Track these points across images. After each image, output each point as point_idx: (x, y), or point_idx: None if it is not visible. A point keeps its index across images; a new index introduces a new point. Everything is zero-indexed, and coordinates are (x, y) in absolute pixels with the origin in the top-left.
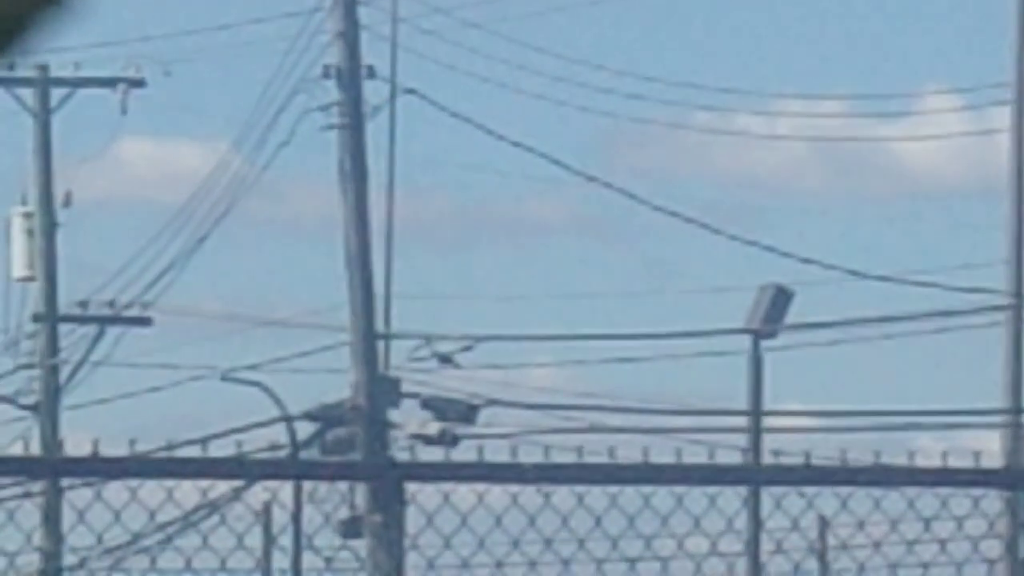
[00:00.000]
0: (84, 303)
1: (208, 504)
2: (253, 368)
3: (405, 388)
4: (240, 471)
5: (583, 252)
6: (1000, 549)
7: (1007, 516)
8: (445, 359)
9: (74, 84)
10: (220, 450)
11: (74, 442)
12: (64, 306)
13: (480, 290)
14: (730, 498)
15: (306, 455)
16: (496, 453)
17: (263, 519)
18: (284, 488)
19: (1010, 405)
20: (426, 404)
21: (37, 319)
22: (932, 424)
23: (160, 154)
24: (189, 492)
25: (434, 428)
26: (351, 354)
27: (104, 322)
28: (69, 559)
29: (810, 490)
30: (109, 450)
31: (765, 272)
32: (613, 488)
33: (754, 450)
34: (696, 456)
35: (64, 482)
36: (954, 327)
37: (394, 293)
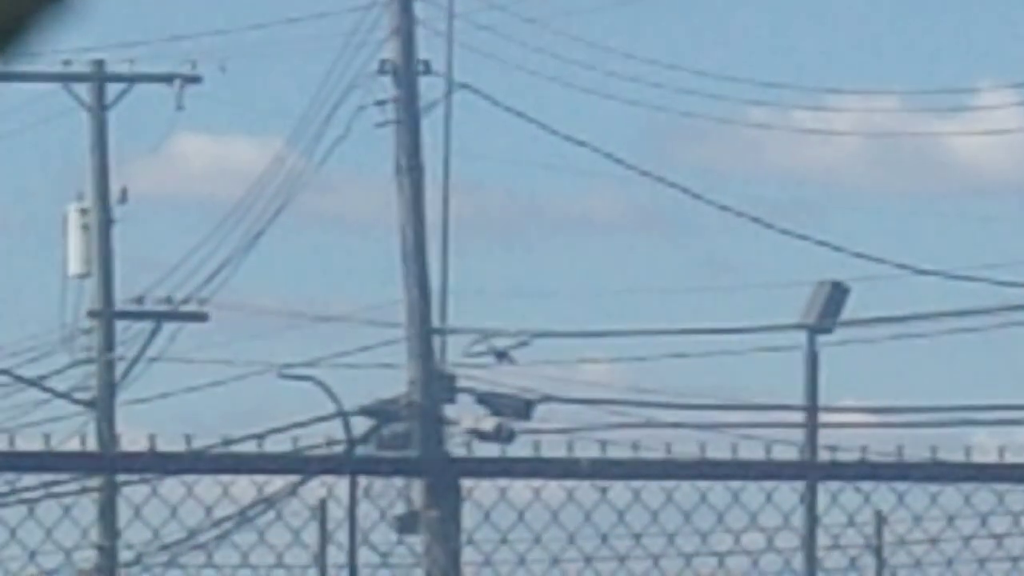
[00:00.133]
0: (140, 299)
1: (264, 500)
2: (309, 364)
3: (461, 384)
4: (296, 467)
5: (639, 248)
6: None
7: None
8: (501, 355)
9: (130, 80)
10: (276, 446)
11: (130, 438)
12: (120, 302)
13: (536, 286)
14: (786, 494)
15: (362, 451)
16: (552, 449)
17: (319, 515)
18: (340, 484)
19: None
20: (482, 400)
21: (93, 315)
22: (988, 419)
23: (216, 150)
24: (245, 488)
25: (490, 424)
26: (407, 350)
27: (160, 318)
28: (125, 555)
29: (866, 485)
30: (165, 446)
31: (821, 268)
32: (669, 483)
33: (810, 446)
34: (752, 452)
35: (120, 478)
36: (1010, 322)
37: (450, 289)
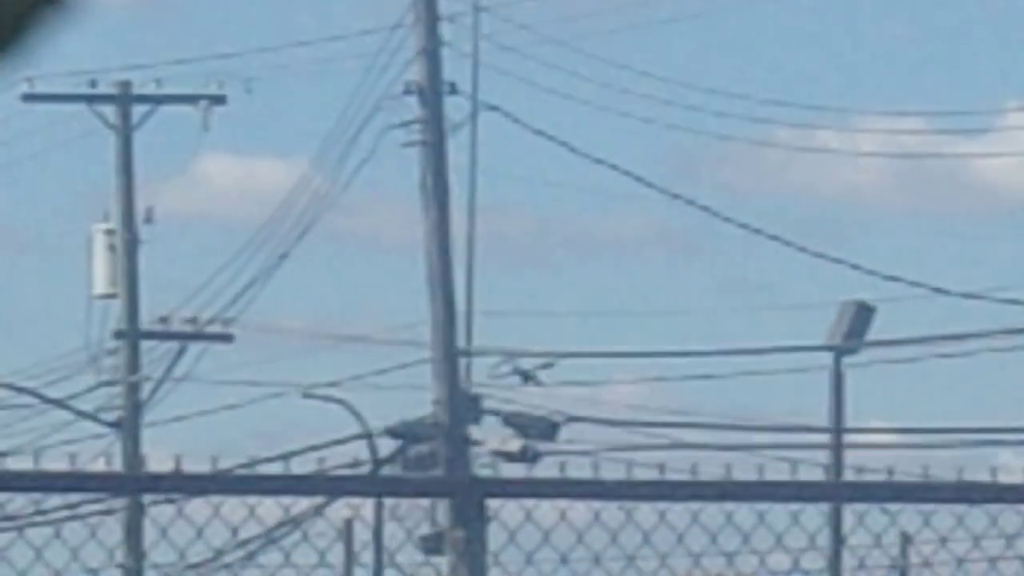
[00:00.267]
0: (166, 319)
1: (290, 520)
2: (334, 385)
3: (486, 405)
4: (322, 488)
5: (665, 268)
6: None
7: None
8: (526, 376)
9: (156, 101)
10: (302, 466)
11: (156, 459)
12: (146, 323)
13: (561, 307)
14: (812, 515)
15: (388, 472)
16: (578, 470)
17: (345, 536)
18: (366, 505)
19: None
20: (507, 421)
21: (119, 336)
22: (1014, 440)
23: (241, 171)
24: (271, 508)
25: (515, 445)
26: (432, 371)
27: (186, 339)
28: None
29: (892, 507)
30: (191, 467)
31: (847, 288)
32: (695, 505)
33: (836, 467)
34: (778, 473)
35: (146, 499)
36: None
37: (475, 310)
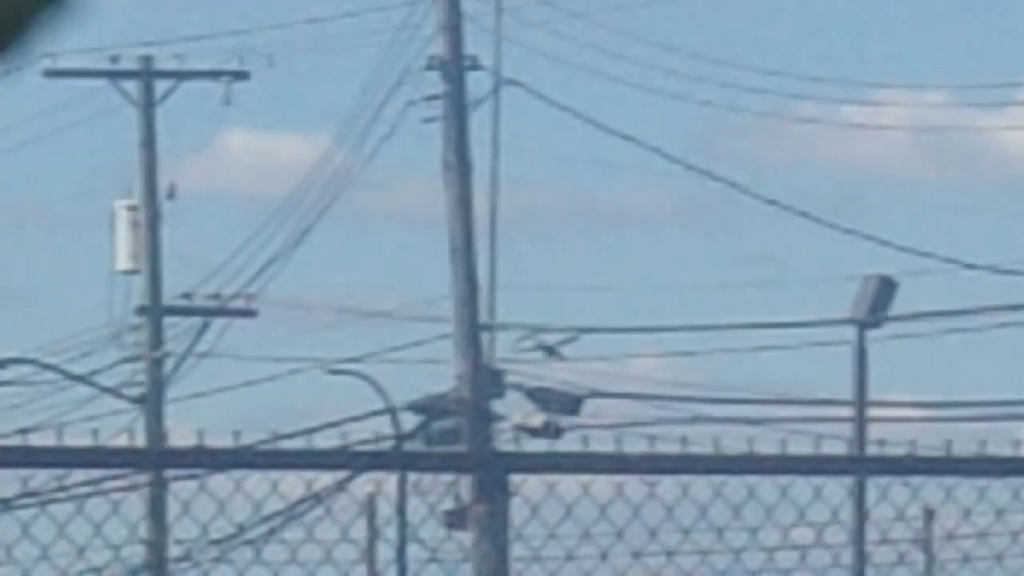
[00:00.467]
0: (188, 295)
1: (313, 496)
2: (357, 360)
3: (509, 379)
4: (345, 463)
5: (688, 243)
6: None
7: None
8: (549, 350)
9: (178, 76)
10: (325, 442)
11: (179, 434)
12: (168, 298)
13: (584, 281)
14: (835, 489)
15: (411, 447)
16: (600, 444)
17: (368, 511)
18: (389, 480)
19: None
20: (530, 395)
21: (142, 311)
22: None
23: (264, 146)
24: (294, 484)
25: (538, 419)
26: (455, 345)
27: (208, 314)
28: (174, 551)
29: (915, 480)
30: (214, 442)
31: (869, 262)
32: (718, 479)
33: (859, 440)
34: (801, 446)
35: (169, 474)
36: None
37: (498, 284)
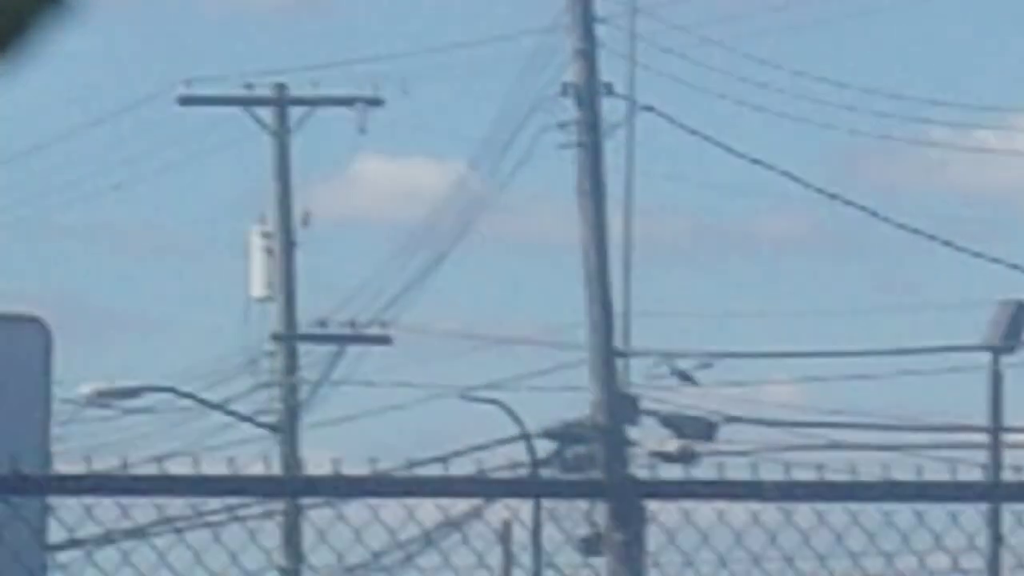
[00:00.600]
0: (323, 322)
1: (449, 522)
2: (492, 386)
3: (644, 405)
4: (481, 490)
5: (821, 268)
6: None
7: None
8: (684, 376)
9: (313, 103)
10: (460, 469)
11: (313, 461)
12: (303, 325)
13: (718, 307)
14: (971, 515)
15: (546, 473)
16: (736, 470)
17: (503, 537)
18: (524, 506)
19: None
20: (665, 421)
21: (276, 338)
22: None
23: (398, 172)
24: (430, 510)
25: (673, 445)
26: (590, 372)
27: (343, 341)
28: None
29: None
30: (350, 469)
31: (1004, 287)
32: (854, 505)
33: (994, 466)
34: (936, 473)
35: (305, 501)
36: None
37: (632, 311)
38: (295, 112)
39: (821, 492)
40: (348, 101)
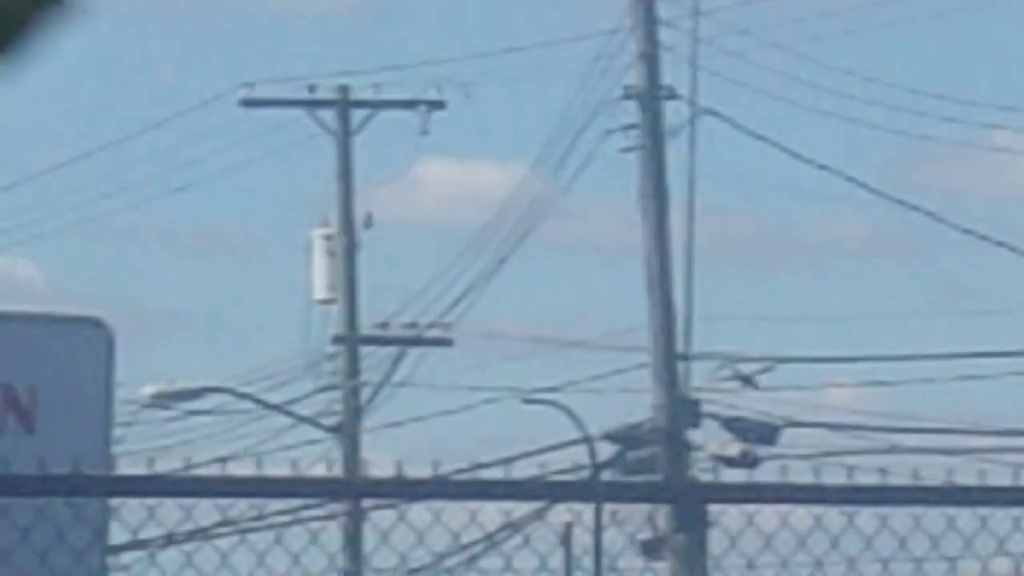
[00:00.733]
0: (385, 324)
1: (511, 525)
2: (554, 389)
3: (705, 409)
4: (543, 493)
5: (884, 272)
6: None
7: None
8: (746, 380)
9: (375, 106)
10: (522, 471)
11: (374, 463)
12: (365, 327)
13: (780, 311)
14: None
15: (607, 476)
16: (799, 474)
17: (565, 540)
18: (586, 509)
19: None
20: (727, 425)
21: (338, 340)
22: None
23: (460, 175)
24: (492, 513)
25: (735, 449)
26: (652, 375)
27: (405, 343)
28: None
29: None
30: (413, 472)
31: None
32: (917, 510)
33: None
34: (1000, 477)
35: (367, 503)
36: None
37: (694, 314)
38: (357, 115)
39: (884, 496)
40: (410, 104)
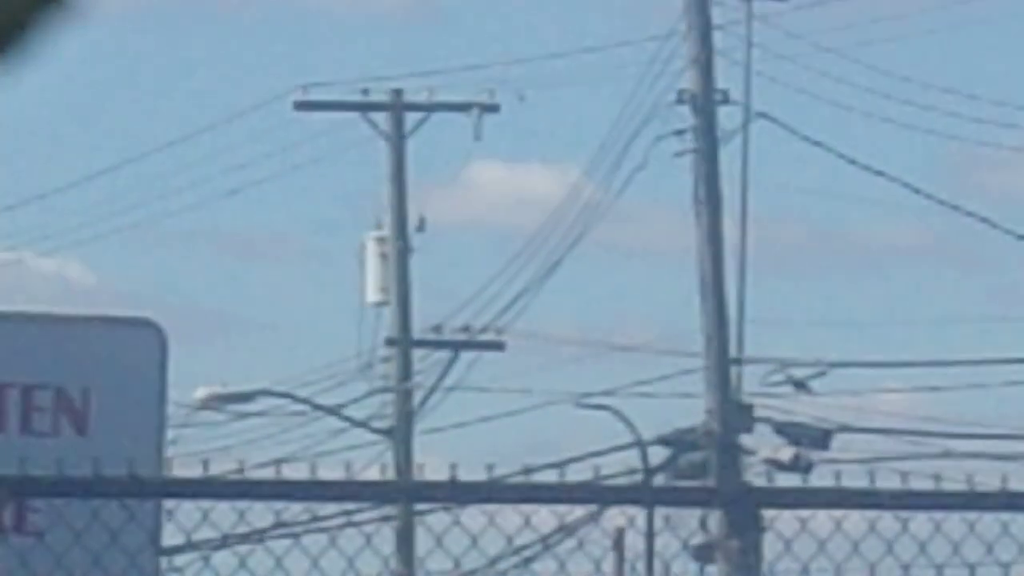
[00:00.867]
0: (438, 328)
1: (564, 528)
2: (606, 393)
3: (758, 413)
4: (595, 496)
5: (937, 277)
6: None
7: None
8: (799, 384)
9: (428, 109)
10: (575, 475)
11: (427, 466)
12: (418, 331)
13: (833, 315)
14: None
15: (659, 480)
16: (852, 479)
17: (617, 544)
18: (639, 513)
19: None
20: (780, 429)
21: (391, 343)
22: None
23: (513, 179)
24: (546, 516)
25: (787, 454)
26: (704, 379)
27: (458, 347)
28: None
29: None
30: (467, 475)
31: None
32: (971, 515)
33: None
34: None
35: (420, 507)
36: None
37: (747, 318)
38: (411, 118)
39: (938, 501)
40: (464, 107)
